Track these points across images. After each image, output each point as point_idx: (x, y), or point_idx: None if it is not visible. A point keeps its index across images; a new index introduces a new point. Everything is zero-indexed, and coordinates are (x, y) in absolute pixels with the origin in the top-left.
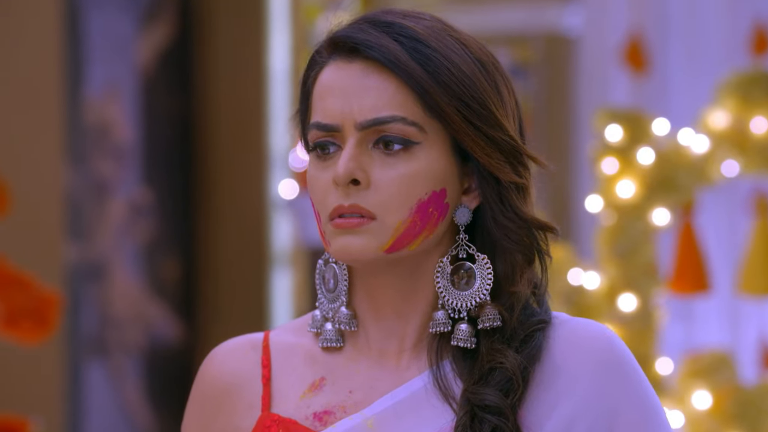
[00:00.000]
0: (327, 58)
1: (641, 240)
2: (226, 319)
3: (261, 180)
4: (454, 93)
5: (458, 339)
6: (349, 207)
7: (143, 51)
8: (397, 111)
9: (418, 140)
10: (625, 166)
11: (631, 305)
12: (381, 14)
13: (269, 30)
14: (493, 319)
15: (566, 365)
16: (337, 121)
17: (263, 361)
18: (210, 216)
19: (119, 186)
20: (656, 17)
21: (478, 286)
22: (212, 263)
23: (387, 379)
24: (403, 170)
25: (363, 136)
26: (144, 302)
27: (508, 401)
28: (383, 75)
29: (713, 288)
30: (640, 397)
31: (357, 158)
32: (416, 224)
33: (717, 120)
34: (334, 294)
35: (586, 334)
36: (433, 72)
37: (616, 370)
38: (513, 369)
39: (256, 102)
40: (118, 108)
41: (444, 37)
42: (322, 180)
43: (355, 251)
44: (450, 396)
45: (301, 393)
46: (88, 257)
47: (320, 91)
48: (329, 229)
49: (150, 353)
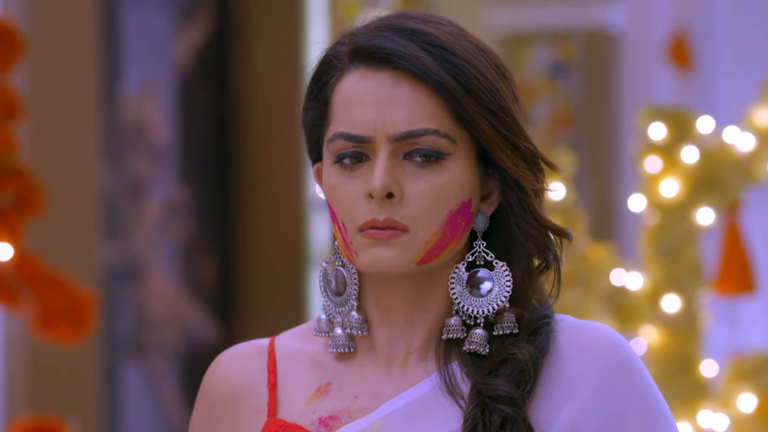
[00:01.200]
0: (348, 64)
1: (685, 240)
2: (263, 320)
3: (298, 179)
4: (483, 102)
5: (474, 343)
6: (384, 221)
7: (180, 49)
8: (430, 123)
9: (449, 152)
10: (668, 165)
11: (675, 306)
12: (401, 20)
13: (307, 27)
14: (511, 326)
15: (572, 368)
16: (368, 133)
17: (269, 366)
18: (247, 215)
19: (156, 185)
20: (701, 13)
21: (497, 293)
22: (249, 263)
23: (392, 383)
24: (435, 182)
25: (395, 149)
26: (180, 303)
27: (519, 391)
28: (414, 85)
29: (759, 289)
30: (647, 402)
31: (391, 171)
32: (446, 235)
33: (763, 117)
34: (342, 298)
35: (592, 338)
36: (464, 82)
37: (622, 373)
38: (525, 360)
39: (294, 100)
40: (154, 106)
41: (465, 43)
42: (349, 191)
43: (387, 264)
44: (459, 396)
45: (307, 398)
46: (124, 257)
47: (345, 100)
48: (359, 240)
49: (186, 354)
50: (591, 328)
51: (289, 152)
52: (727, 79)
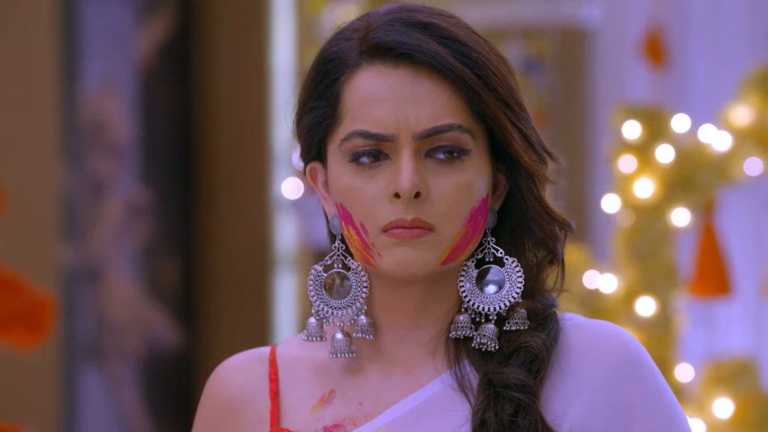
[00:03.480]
0: (359, 60)
1: (660, 241)
2: (227, 324)
3: (264, 179)
4: (500, 96)
5: (485, 337)
6: (412, 221)
7: (142, 45)
8: (454, 119)
9: (469, 147)
10: (643, 165)
11: (650, 309)
12: (408, 13)
13: (272, 23)
14: (523, 322)
15: (581, 365)
16: (390, 131)
17: (270, 375)
18: (211, 217)
19: (116, 185)
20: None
21: (508, 289)
22: (213, 266)
23: (397, 388)
24: (459, 180)
25: (418, 146)
26: (142, 306)
27: (532, 378)
28: (435, 81)
29: (736, 291)
30: (657, 401)
31: (417, 170)
32: (469, 233)
33: (740, 116)
34: (344, 301)
35: (600, 336)
36: (482, 75)
37: (629, 372)
38: (539, 347)
39: (259, 98)
40: (115, 104)
41: (473, 36)
42: (369, 191)
43: (414, 265)
44: (472, 393)
45: (311, 407)
46: (83, 259)
47: (362, 97)
48: (383, 241)
49: (148, 359)
50: (600, 326)
51: (255, 151)
52: (703, 75)
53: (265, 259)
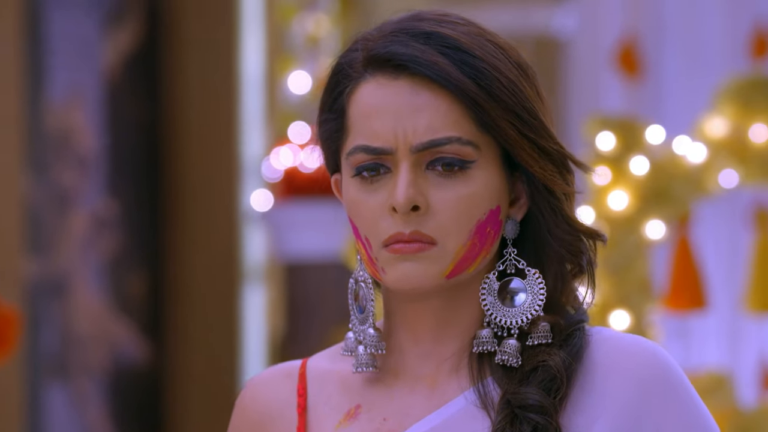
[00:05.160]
0: (362, 72)
1: (635, 254)
2: (195, 338)
3: (232, 191)
4: (507, 106)
5: (507, 353)
6: (410, 235)
7: (108, 54)
8: (452, 131)
9: (473, 159)
10: (617, 176)
11: (624, 323)
12: (415, 22)
13: (242, 32)
14: (546, 336)
15: (608, 381)
16: (389, 145)
17: (299, 389)
18: (178, 229)
19: (82, 197)
20: (651, 19)
21: (530, 302)
22: (180, 279)
23: (422, 404)
24: (461, 192)
25: (417, 159)
26: (108, 320)
27: (551, 399)
28: (434, 92)
29: (711, 305)
30: (689, 419)
31: (415, 183)
32: (476, 246)
33: (715, 127)
34: (363, 315)
35: (630, 350)
36: (485, 86)
37: (660, 388)
38: (557, 366)
39: (228, 108)
40: (81, 114)
41: (484, 43)
42: (371, 204)
43: (416, 279)
44: (494, 410)
45: (337, 422)
46: (49, 272)
47: (362, 110)
48: (385, 256)
49: (114, 375)
50: (629, 339)
51: (223, 162)
52: (677, 86)
53: (233, 272)
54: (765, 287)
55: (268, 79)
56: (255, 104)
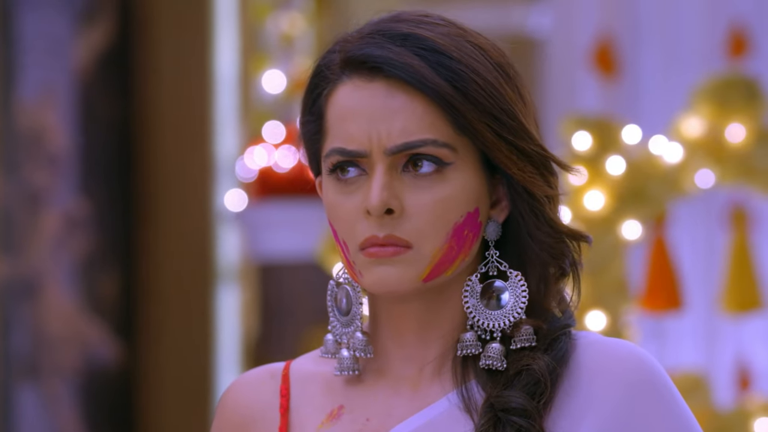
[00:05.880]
0: (340, 75)
1: (611, 254)
2: (168, 339)
3: (206, 190)
4: (483, 108)
5: (490, 358)
6: (385, 238)
7: (80, 53)
8: (427, 133)
9: (450, 161)
10: (593, 176)
11: (600, 324)
12: (393, 23)
13: (215, 31)
14: (529, 339)
15: (594, 384)
16: (363, 147)
17: (282, 390)
18: (151, 229)
19: (54, 196)
20: (628, 18)
21: (512, 305)
22: (153, 279)
23: (405, 405)
24: (437, 194)
25: (392, 161)
26: (80, 321)
27: (534, 403)
28: (409, 95)
29: (687, 305)
30: (674, 421)
31: (389, 186)
32: (453, 249)
33: (691, 127)
34: (348, 318)
35: (616, 354)
36: (461, 87)
37: (646, 393)
38: (541, 370)
39: (202, 107)
40: (53, 113)
41: (463, 44)
42: (348, 208)
43: (392, 283)
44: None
45: (319, 423)
46: (20, 273)
47: (339, 113)
48: (361, 259)
49: (86, 376)
50: (615, 344)
51: (196, 162)
52: (654, 86)
53: (207, 272)
54: (741, 287)
55: (242, 78)
56: (229, 103)
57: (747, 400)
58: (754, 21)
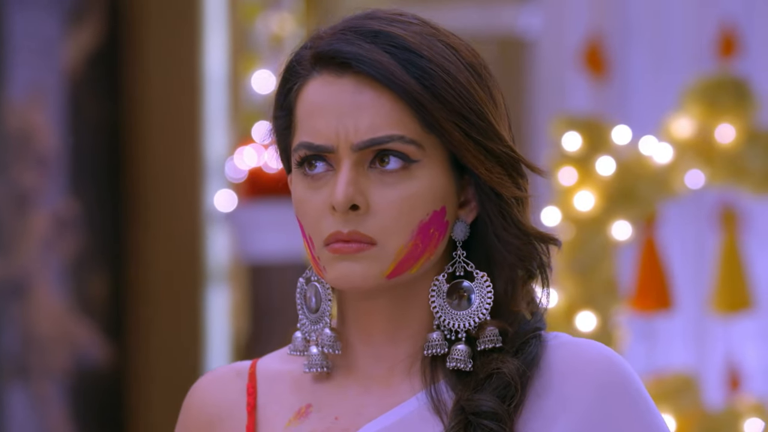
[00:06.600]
0: (310, 70)
1: (601, 255)
2: (158, 340)
3: (196, 191)
4: (452, 107)
5: (456, 360)
6: (349, 234)
7: (69, 53)
8: (394, 130)
9: (416, 158)
10: (583, 177)
11: (591, 324)
12: (366, 21)
13: (205, 31)
14: (495, 340)
15: (565, 386)
16: (330, 143)
17: (248, 388)
18: (140, 229)
19: (43, 197)
20: (617, 18)
21: (477, 305)
22: (143, 280)
23: (375, 404)
24: (403, 192)
25: (359, 157)
26: (69, 322)
27: (505, 406)
28: (377, 91)
29: (677, 306)
30: (644, 423)
31: (355, 182)
32: (418, 247)
33: (681, 128)
34: (317, 315)
35: (587, 356)
36: (429, 86)
37: (617, 394)
38: (511, 374)
39: (191, 108)
40: (42, 113)
41: (435, 43)
42: (314, 203)
43: (356, 279)
44: (446, 414)
45: (287, 421)
46: (9, 273)
47: (308, 108)
48: (325, 255)
49: (76, 376)
50: (586, 345)
51: (186, 162)
52: (644, 86)
53: (196, 273)
54: (731, 288)
55: (231, 78)
56: (218, 104)
57: (737, 401)
58: (743, 21)
